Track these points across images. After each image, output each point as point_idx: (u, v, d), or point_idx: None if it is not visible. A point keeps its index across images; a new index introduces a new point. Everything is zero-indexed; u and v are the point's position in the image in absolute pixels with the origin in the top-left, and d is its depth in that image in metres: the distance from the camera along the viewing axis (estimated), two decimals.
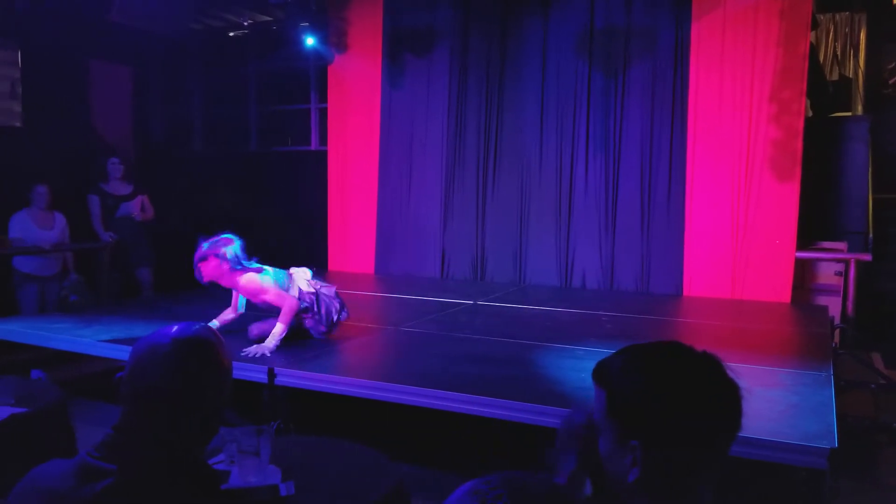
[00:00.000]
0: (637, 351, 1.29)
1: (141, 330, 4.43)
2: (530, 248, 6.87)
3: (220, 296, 5.89)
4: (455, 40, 7.06)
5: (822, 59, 8.02)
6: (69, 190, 6.50)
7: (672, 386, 1.20)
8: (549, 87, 6.74)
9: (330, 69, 7.60)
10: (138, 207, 6.69)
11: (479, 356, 4.01)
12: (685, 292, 6.20)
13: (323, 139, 8.06)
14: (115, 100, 8.38)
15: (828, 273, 6.09)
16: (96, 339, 4.30)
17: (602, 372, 1.28)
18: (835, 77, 8.10)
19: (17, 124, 7.23)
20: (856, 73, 8.02)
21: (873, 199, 6.50)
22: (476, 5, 7.00)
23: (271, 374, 3.64)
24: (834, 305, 5.86)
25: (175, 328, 1.37)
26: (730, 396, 1.24)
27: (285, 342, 4.02)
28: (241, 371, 3.63)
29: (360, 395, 3.48)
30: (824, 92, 7.38)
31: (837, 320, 5.74)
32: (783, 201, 5.86)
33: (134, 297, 6.61)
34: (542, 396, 3.21)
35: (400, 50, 7.27)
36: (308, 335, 4.30)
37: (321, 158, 7.82)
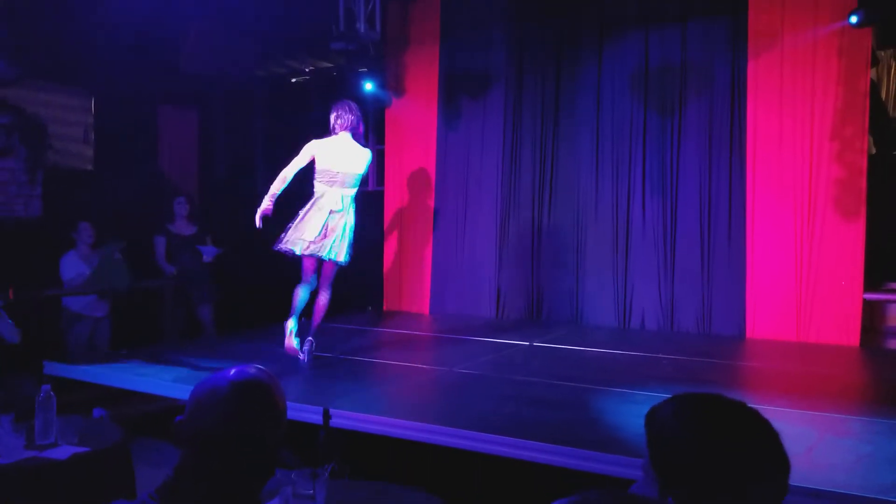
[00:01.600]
0: (679, 403, 1.27)
1: (204, 369, 4.54)
2: (587, 288, 6.81)
3: (281, 335, 6.03)
4: (510, 81, 7.16)
5: (883, 95, 7.82)
6: (136, 232, 6.74)
7: (709, 442, 1.18)
8: (603, 125, 6.76)
9: (387, 112, 7.79)
10: (211, 248, 6.81)
11: (535, 399, 3.98)
12: (748, 334, 6.04)
13: (380, 180, 8.21)
14: (182, 143, 8.73)
15: None
16: (159, 378, 4.41)
17: (649, 419, 1.28)
18: None
19: (89, 168, 7.58)
20: None
21: None
22: (530, 46, 7.10)
23: (326, 415, 3.68)
24: None
25: (233, 371, 1.40)
26: (766, 452, 1.20)
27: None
28: (297, 412, 3.67)
29: (414, 439, 3.48)
30: (888, 129, 7.19)
31: None
32: (849, 240, 5.69)
33: (195, 335, 6.75)
34: (601, 443, 3.16)
35: (455, 92, 7.41)
36: None
37: (378, 199, 7.97)
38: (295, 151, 9.15)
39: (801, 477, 2.70)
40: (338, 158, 5.11)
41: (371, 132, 8.57)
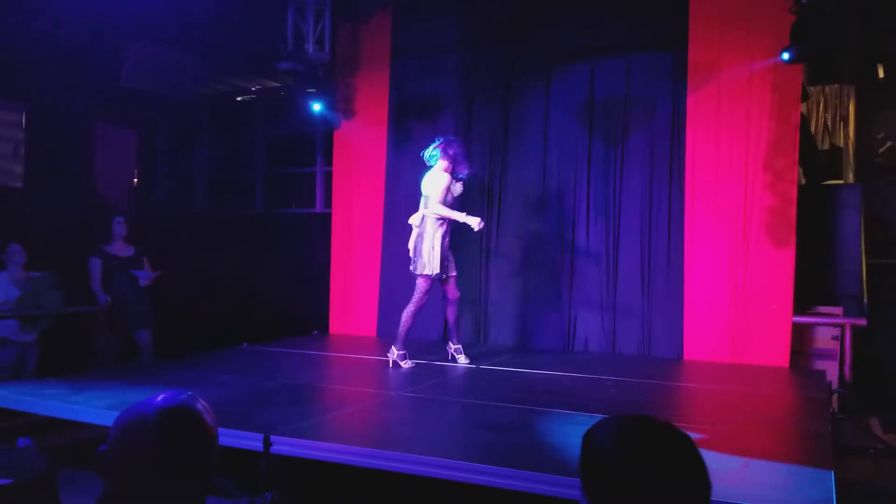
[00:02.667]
0: (608, 426, 1.31)
1: (137, 396, 4.39)
2: (532, 311, 6.90)
3: (222, 360, 5.91)
4: (460, 107, 7.25)
5: (813, 129, 8.25)
6: (70, 253, 6.51)
7: (635, 464, 1.22)
8: (550, 153, 6.90)
9: (336, 133, 7.77)
10: (147, 273, 6.66)
11: (482, 422, 4.00)
12: (685, 356, 6.22)
13: (328, 202, 8.18)
14: (120, 161, 8.51)
15: (825, 338, 6.14)
16: (89, 406, 4.20)
17: (584, 439, 1.32)
18: (826, 146, 8.32)
19: (19, 185, 7.29)
20: (846, 143, 8.24)
21: (867, 265, 6.60)
22: (480, 73, 7.21)
23: (267, 442, 3.60)
24: (831, 370, 5.90)
25: (160, 398, 1.36)
26: (690, 474, 1.25)
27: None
28: (236, 439, 3.60)
29: (359, 464, 3.43)
30: (817, 161, 7.57)
31: (835, 385, 5.76)
32: (780, 266, 5.94)
33: (132, 360, 6.53)
34: (547, 465, 3.20)
35: (405, 116, 7.45)
36: None
37: (325, 221, 7.92)
38: (242, 172, 9.10)
39: (735, 494, 2.81)
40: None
41: (319, 153, 8.58)
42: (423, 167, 7.42)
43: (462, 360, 5.83)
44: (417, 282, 5.73)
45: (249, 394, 4.69)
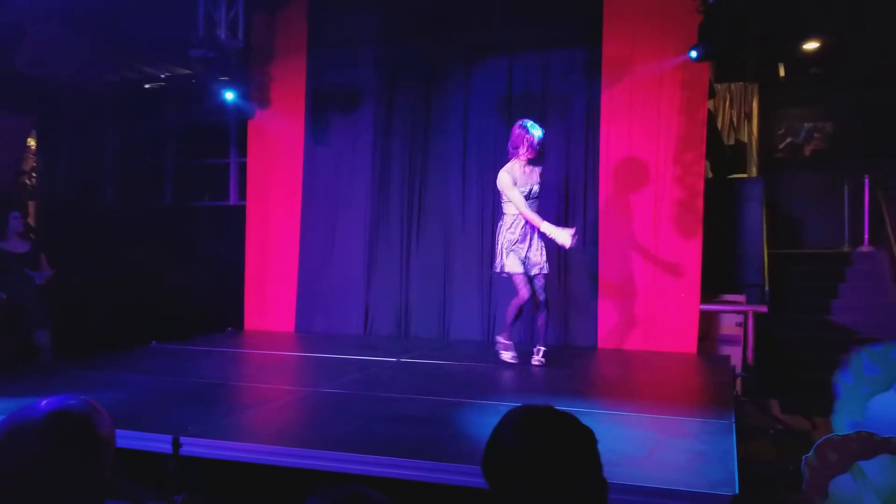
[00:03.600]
0: (510, 416, 1.34)
1: (35, 399, 4.17)
2: (454, 304, 6.94)
3: (130, 360, 5.67)
4: (380, 99, 7.19)
5: (720, 125, 8.61)
6: None
7: (533, 452, 1.25)
8: (470, 146, 6.94)
9: (251, 124, 7.57)
10: (44, 271, 6.33)
11: (402, 416, 3.98)
12: (600, 344, 6.39)
13: (242, 194, 7.96)
14: (16, 152, 8.02)
15: (729, 324, 6.43)
16: None
17: (493, 431, 1.34)
18: (731, 142, 8.71)
19: None
20: (750, 139, 8.64)
21: (768, 255, 6.95)
22: (400, 65, 7.17)
23: (176, 444, 3.49)
24: (736, 355, 6.19)
25: (45, 402, 1.32)
26: (588, 463, 1.28)
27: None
28: (143, 441, 3.46)
29: (274, 464, 3.36)
30: (723, 155, 7.91)
31: (739, 369, 6.04)
32: (688, 256, 6.18)
33: (30, 361, 6.19)
34: (466, 456, 3.21)
35: (324, 107, 7.33)
36: None
37: (240, 214, 7.71)
38: (151, 162, 8.75)
39: (643, 476, 2.90)
40: None
41: (233, 144, 8.34)
42: (345, 160, 7.37)
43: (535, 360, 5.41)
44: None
45: (159, 394, 4.52)
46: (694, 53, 5.76)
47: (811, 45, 9.28)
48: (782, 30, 8.44)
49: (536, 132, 5.15)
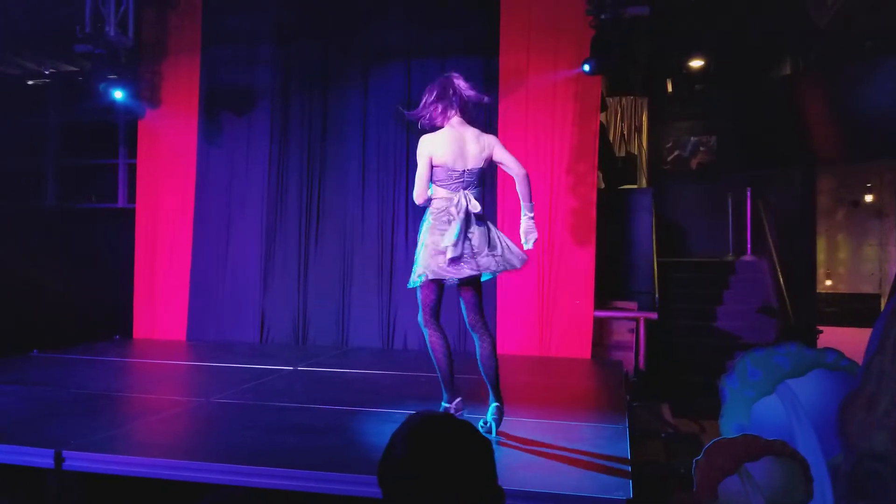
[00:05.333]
0: (407, 424, 1.35)
1: None
2: (353, 311, 6.87)
3: (8, 370, 5.32)
4: (275, 101, 7.05)
5: (612, 137, 8.96)
6: None
7: (426, 460, 1.26)
8: (369, 151, 6.90)
9: (141, 124, 7.25)
10: None
11: (297, 426, 3.93)
12: (498, 350, 6.45)
13: (132, 196, 7.61)
14: None
15: (622, 330, 6.66)
16: None
17: (390, 439, 1.34)
18: (623, 153, 9.08)
19: None
20: (640, 151, 9.04)
21: (657, 263, 7.27)
22: (296, 67, 7.05)
23: (59, 458, 3.32)
24: (628, 360, 6.41)
25: None
26: (484, 472, 1.30)
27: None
28: (22, 456, 3.31)
29: (164, 477, 3.25)
30: (614, 166, 8.23)
31: (631, 374, 6.28)
32: (582, 264, 6.37)
33: None
34: (362, 465, 3.20)
35: (218, 107, 7.12)
36: None
37: (129, 216, 7.37)
38: (27, 163, 8.22)
39: (538, 482, 2.98)
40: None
41: (122, 144, 7.95)
42: (240, 163, 7.16)
43: None
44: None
45: (39, 406, 4.33)
46: (587, 67, 5.97)
47: (696, 63, 9.82)
48: (670, 47, 8.88)
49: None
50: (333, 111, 6.99)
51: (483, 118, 6.61)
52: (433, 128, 4.04)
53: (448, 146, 3.89)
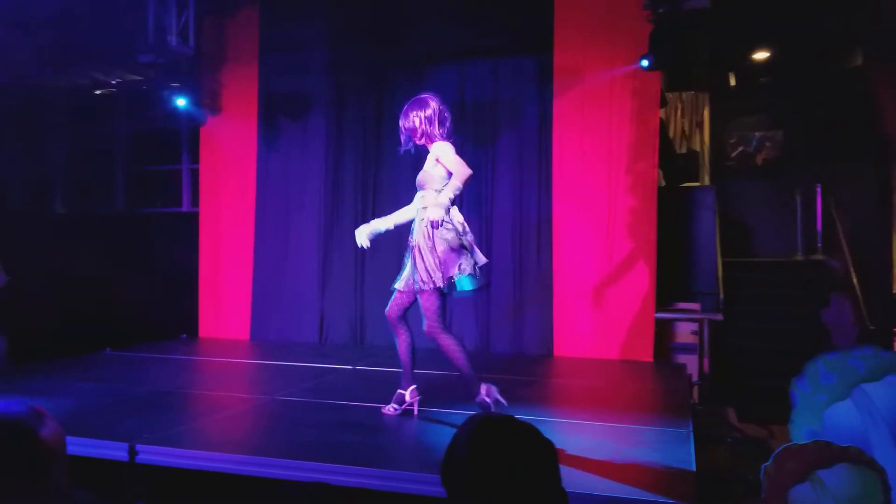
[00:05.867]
0: (470, 424, 1.34)
1: None
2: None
3: (83, 367, 5.55)
4: (331, 105, 7.15)
5: (671, 133, 8.75)
6: None
7: (490, 462, 1.25)
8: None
9: (203, 130, 7.47)
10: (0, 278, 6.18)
11: (357, 424, 3.97)
12: (555, 352, 6.41)
13: (195, 201, 7.84)
14: None
15: (685, 332, 6.50)
16: None
17: (451, 439, 1.34)
18: (683, 150, 8.85)
19: None
20: (702, 147, 8.79)
21: (722, 263, 7.06)
22: (350, 72, 7.13)
23: (132, 451, 3.44)
24: (691, 363, 6.23)
25: None
26: (546, 473, 1.29)
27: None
28: (98, 449, 3.42)
29: (229, 471, 3.33)
30: (675, 163, 8.04)
31: (695, 377, 6.11)
32: (642, 264, 6.23)
33: None
34: (422, 464, 3.21)
35: (275, 113, 7.27)
36: None
37: (193, 220, 7.60)
38: (102, 169, 8.57)
39: (600, 486, 2.92)
40: None
41: (185, 151, 8.21)
42: (297, 166, 7.29)
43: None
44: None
45: (113, 401, 4.49)
46: (645, 62, 5.83)
47: (761, 55, 9.51)
48: (732, 39, 8.62)
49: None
50: (387, 114, 7.03)
51: (537, 116, 6.58)
52: (421, 146, 4.57)
53: None
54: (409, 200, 6.92)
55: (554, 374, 6.00)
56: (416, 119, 4.40)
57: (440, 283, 4.08)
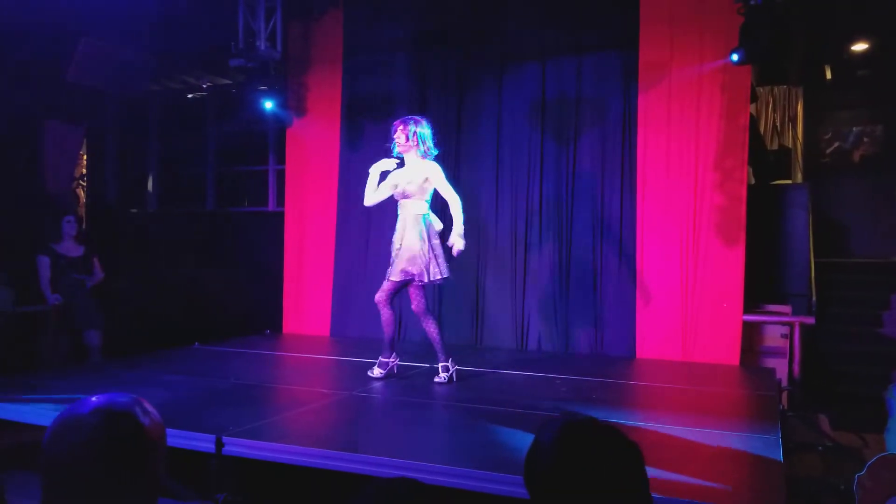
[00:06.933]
0: (553, 427, 1.32)
1: (86, 396, 4.29)
2: (487, 310, 6.90)
3: (173, 360, 5.80)
4: (412, 105, 7.20)
5: (762, 129, 8.42)
6: (17, 252, 6.33)
7: (574, 464, 1.23)
8: (503, 151, 6.91)
9: (288, 132, 7.67)
10: (95, 273, 6.53)
11: (435, 421, 3.99)
12: (637, 354, 6.28)
13: (280, 200, 8.08)
14: (69, 160, 8.30)
15: (774, 335, 6.24)
16: (36, 407, 4.12)
17: (533, 441, 1.32)
18: (775, 147, 8.50)
19: None
20: (794, 143, 8.42)
21: (814, 263, 6.75)
22: (432, 72, 7.19)
23: (219, 443, 3.55)
24: (781, 367, 6.00)
25: (94, 399, 1.34)
26: (630, 477, 1.26)
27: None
28: (186, 440, 3.53)
29: (312, 465, 3.39)
30: (765, 160, 7.73)
31: (784, 382, 5.86)
32: (729, 265, 6.02)
33: (81, 361, 6.38)
34: (501, 464, 3.19)
35: (358, 114, 7.39)
36: None
37: (278, 219, 7.82)
38: (193, 170, 8.96)
39: (686, 492, 2.83)
40: None
41: (271, 151, 8.47)
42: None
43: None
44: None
45: (201, 394, 4.63)
46: (735, 57, 5.63)
47: (859, 46, 9.02)
48: (828, 31, 8.22)
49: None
50: (467, 114, 7.06)
51: (621, 113, 6.45)
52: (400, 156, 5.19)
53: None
54: (489, 200, 6.97)
55: (636, 376, 5.86)
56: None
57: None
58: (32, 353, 6.32)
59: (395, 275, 5.08)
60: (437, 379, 4.99)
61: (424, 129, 5.10)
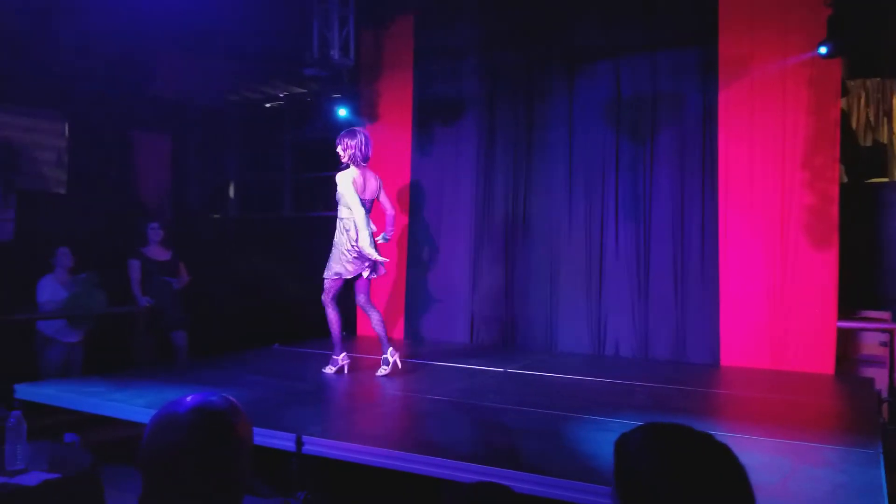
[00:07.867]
0: (646, 433, 1.24)
1: (174, 394, 4.42)
2: (561, 315, 6.78)
3: (254, 361, 5.94)
4: (482, 108, 7.20)
5: (854, 124, 7.97)
6: (109, 256, 6.62)
7: (672, 474, 1.15)
8: (576, 152, 6.79)
9: None
10: (182, 276, 6.77)
11: (509, 427, 3.92)
12: (722, 362, 6.03)
13: None
14: (155, 167, 8.65)
15: (872, 343, 5.88)
16: (130, 404, 4.30)
17: (617, 447, 1.26)
18: (869, 143, 8.02)
19: (62, 191, 7.48)
20: (890, 139, 7.94)
21: None
22: (502, 74, 7.15)
23: (299, 442, 3.60)
24: (880, 377, 5.64)
25: (190, 398, 1.39)
26: (730, 486, 1.19)
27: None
28: (268, 439, 3.61)
29: (388, 466, 3.40)
30: (859, 157, 7.30)
31: (884, 393, 5.52)
32: (822, 269, 5.71)
33: (168, 361, 6.62)
34: (574, 471, 3.11)
35: (429, 118, 7.44)
36: None
37: None
38: (271, 176, 9.19)
39: None
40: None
41: None
42: (449, 170, 7.42)
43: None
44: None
45: (281, 394, 4.74)
46: (823, 49, 5.37)
47: None
48: None
49: (361, 137, 5.44)
50: (538, 115, 6.98)
51: (700, 110, 6.23)
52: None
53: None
54: (559, 203, 6.86)
55: (721, 384, 5.63)
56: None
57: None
58: (124, 353, 6.58)
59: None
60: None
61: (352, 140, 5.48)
